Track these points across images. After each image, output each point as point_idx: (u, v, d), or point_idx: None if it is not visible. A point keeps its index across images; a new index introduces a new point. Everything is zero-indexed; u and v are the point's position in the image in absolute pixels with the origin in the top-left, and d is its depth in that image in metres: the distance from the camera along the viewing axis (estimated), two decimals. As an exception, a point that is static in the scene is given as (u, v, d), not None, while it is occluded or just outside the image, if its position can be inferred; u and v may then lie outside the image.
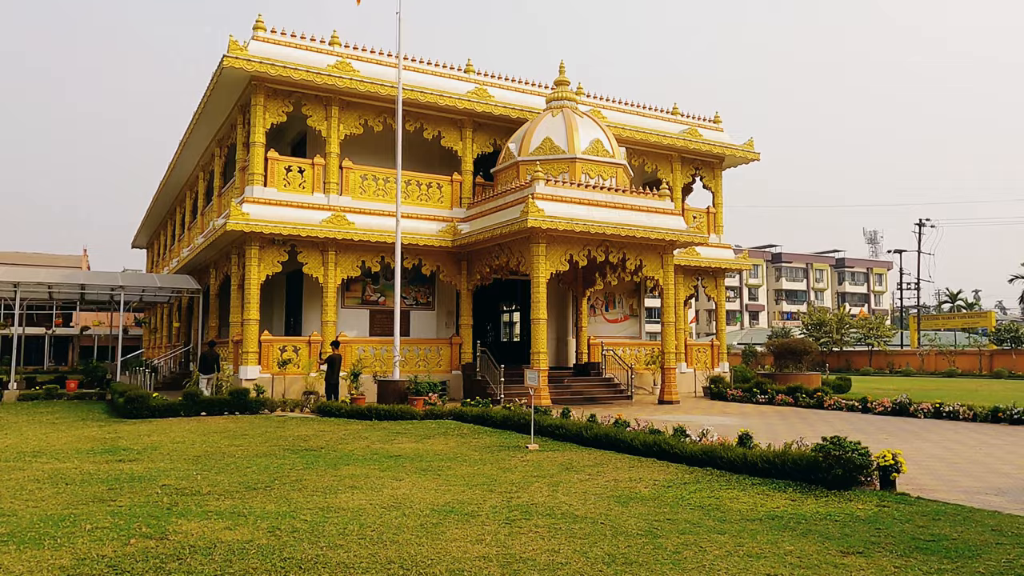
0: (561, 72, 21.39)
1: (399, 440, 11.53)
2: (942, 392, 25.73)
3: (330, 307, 19.26)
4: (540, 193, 18.02)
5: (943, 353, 42.90)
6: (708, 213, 26.19)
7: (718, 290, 26.01)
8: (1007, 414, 14.69)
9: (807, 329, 49.79)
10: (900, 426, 14.38)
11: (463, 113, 21.24)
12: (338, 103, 19.81)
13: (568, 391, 20.68)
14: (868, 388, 27.35)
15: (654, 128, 24.52)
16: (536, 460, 9.56)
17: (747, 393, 20.21)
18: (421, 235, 20.04)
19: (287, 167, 19.30)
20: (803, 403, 18.67)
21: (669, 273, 19.93)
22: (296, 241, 18.90)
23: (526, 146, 19.97)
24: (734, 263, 25.72)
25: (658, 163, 25.14)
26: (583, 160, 19.54)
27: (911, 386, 29.29)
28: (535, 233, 17.85)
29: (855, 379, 35.48)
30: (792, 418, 15.87)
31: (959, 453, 10.63)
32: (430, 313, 21.99)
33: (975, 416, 15.17)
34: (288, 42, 19.45)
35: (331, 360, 17.14)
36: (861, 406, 17.31)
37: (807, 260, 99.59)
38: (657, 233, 18.86)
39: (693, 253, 24.69)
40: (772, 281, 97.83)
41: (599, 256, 18.89)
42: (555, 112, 20.52)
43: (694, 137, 25.11)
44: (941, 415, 15.70)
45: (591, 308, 25.03)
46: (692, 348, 25.51)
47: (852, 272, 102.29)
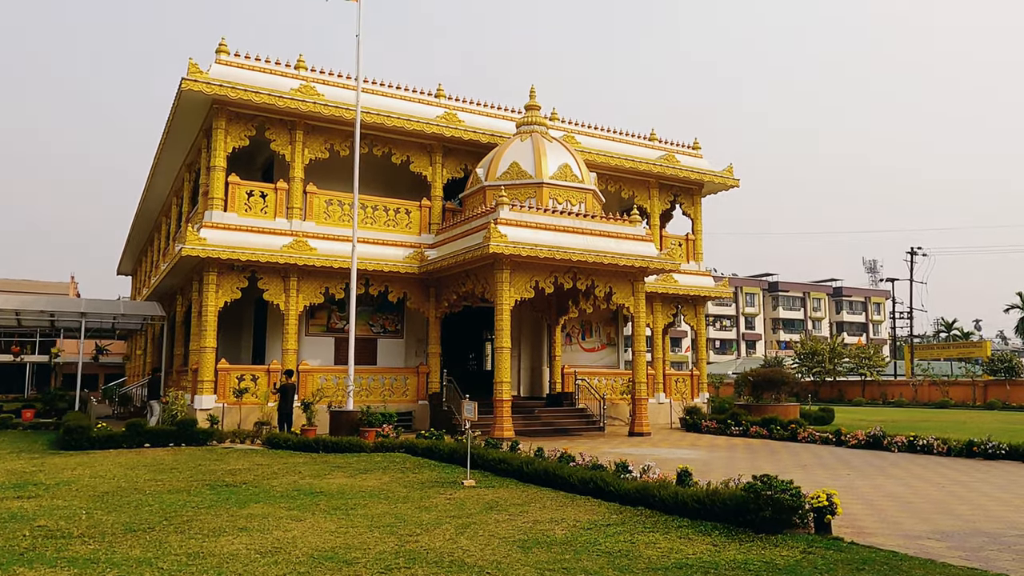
0: (532, 97, 21.10)
1: (333, 475, 10.95)
2: (930, 424, 25.06)
3: (291, 335, 18.75)
4: (504, 218, 17.60)
5: (936, 383, 42.16)
6: (687, 240, 25.75)
7: (697, 318, 25.47)
8: (981, 448, 14.07)
9: (800, 359, 49.09)
10: (868, 460, 13.76)
11: (432, 138, 20.92)
12: (303, 127, 19.50)
13: (538, 422, 20.08)
14: (853, 419, 26.66)
15: (630, 154, 24.18)
16: (463, 498, 8.98)
17: (721, 425, 19.58)
18: (387, 261, 19.59)
19: (249, 192, 18.93)
20: (777, 435, 18.04)
21: (640, 301, 19.43)
22: (256, 267, 18.45)
23: (493, 171, 19.60)
24: (714, 291, 25.21)
25: (635, 189, 24.76)
26: (550, 185, 19.15)
27: (899, 417, 28.58)
28: (499, 259, 17.40)
29: (844, 410, 34.78)
30: (760, 452, 15.25)
31: (918, 490, 10.03)
32: (398, 341, 21.46)
33: (949, 450, 14.55)
34: (252, 65, 19.20)
35: (283, 390, 16.60)
36: (835, 439, 16.70)
37: (804, 289, 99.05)
38: (626, 259, 18.39)
39: (670, 280, 24.20)
40: (769, 310, 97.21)
41: (566, 283, 18.42)
42: (524, 137, 20.19)
43: (671, 163, 24.76)
44: (915, 449, 15.08)
45: (567, 337, 24.49)
46: (671, 378, 24.90)
47: (850, 301, 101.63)
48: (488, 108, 22.34)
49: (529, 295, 18.02)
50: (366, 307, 21.01)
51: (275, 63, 19.59)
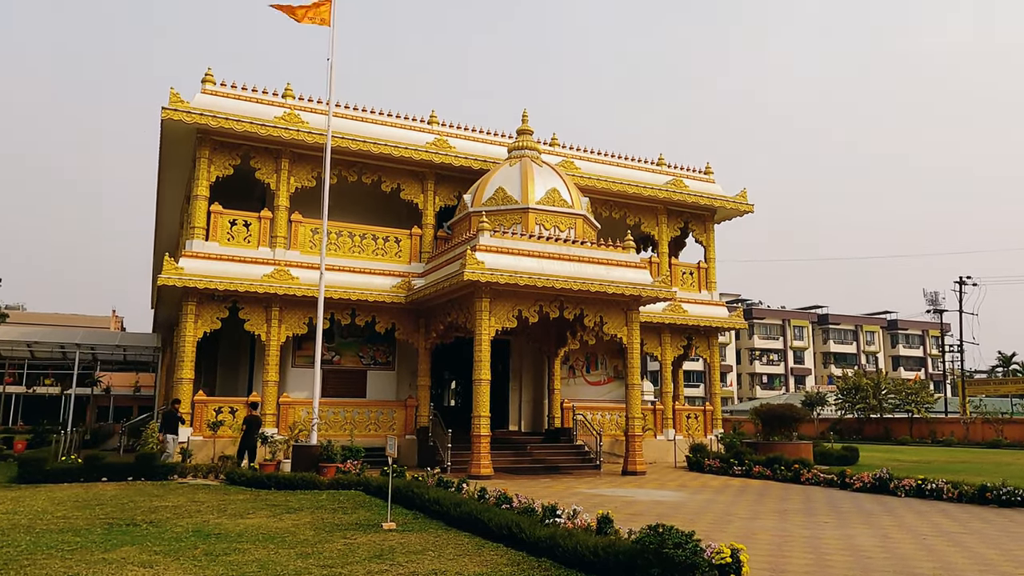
0: (524, 121, 20.52)
1: (255, 514, 10.26)
2: (969, 466, 23.12)
3: (271, 366, 18.31)
4: (484, 245, 16.91)
5: (989, 422, 39.44)
6: (699, 268, 24.62)
7: (711, 350, 24.16)
8: (995, 494, 12.58)
9: (842, 394, 46.69)
10: (863, 506, 12.42)
11: (423, 165, 20.48)
12: (288, 156, 19.29)
13: (528, 459, 19.11)
14: (883, 460, 24.82)
15: (635, 179, 23.31)
16: (363, 543, 8.17)
17: (724, 464, 18.27)
18: (373, 291, 19.08)
19: (232, 221, 18.72)
20: (780, 476, 16.69)
21: (634, 331, 18.42)
22: (237, 297, 18.12)
23: (479, 197, 18.99)
24: (727, 321, 23.92)
25: (642, 216, 23.83)
26: (536, 210, 18.41)
27: (937, 457, 26.56)
28: (477, 287, 16.68)
29: (880, 449, 32.68)
30: (748, 494, 13.99)
31: (890, 543, 8.80)
32: (390, 373, 20.84)
33: (960, 496, 13.08)
34: (237, 94, 19.12)
35: (247, 422, 16.05)
36: (839, 481, 15.30)
37: (856, 322, 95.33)
38: (615, 287, 17.45)
39: (680, 311, 23.07)
40: (819, 344, 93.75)
41: (552, 312, 17.55)
42: (514, 162, 19.57)
43: (679, 188, 23.78)
44: (923, 493, 13.62)
45: (570, 369, 23.53)
46: (681, 413, 23.60)
47: (906, 334, 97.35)
48: (481, 133, 21.85)
49: (511, 324, 17.21)
50: (356, 338, 20.51)
51: (261, 92, 19.50)
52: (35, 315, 63.99)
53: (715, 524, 10.11)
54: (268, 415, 18.11)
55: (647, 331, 23.00)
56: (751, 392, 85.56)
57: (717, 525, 10.03)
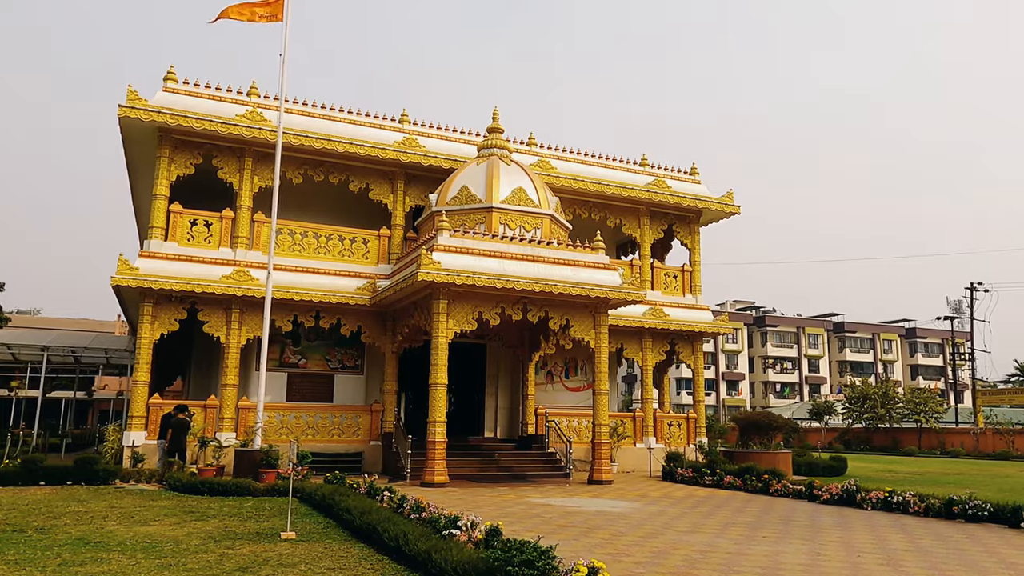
0: (494, 119, 20.00)
1: (160, 522, 9.79)
2: (966, 478, 22.18)
3: (231, 369, 17.90)
4: (442, 245, 16.39)
5: (1000, 432, 38.13)
6: (683, 272, 23.90)
7: (695, 356, 23.40)
8: (961, 508, 11.79)
9: (849, 403, 45.48)
10: (818, 519, 11.69)
11: (392, 164, 20.02)
12: (252, 154, 18.93)
13: (495, 467, 18.50)
14: (875, 471, 23.92)
15: (615, 179, 22.67)
16: (242, 553, 7.66)
17: (697, 474, 17.55)
18: (337, 292, 18.61)
19: (192, 220, 18.37)
20: (750, 487, 15.95)
21: (602, 334, 17.78)
22: (195, 298, 17.74)
23: (444, 196, 18.49)
24: (711, 326, 23.16)
25: (623, 217, 23.17)
26: (500, 209, 17.86)
27: (935, 469, 25.55)
28: (435, 289, 16.15)
29: (881, 460, 31.65)
30: (705, 506, 13.28)
31: (813, 563, 8.11)
32: (358, 378, 20.34)
33: (927, 509, 12.29)
34: (200, 92, 18.81)
35: (174, 426, 15.55)
36: (807, 493, 14.54)
37: (873, 330, 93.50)
38: (580, 288, 16.83)
39: (661, 315, 22.37)
40: (835, 352, 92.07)
41: (515, 314, 16.97)
42: (481, 160, 19.06)
43: (661, 189, 23.10)
44: (890, 506, 12.84)
45: (548, 375, 22.90)
46: (663, 421, 22.85)
47: (925, 343, 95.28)
48: (452, 132, 21.35)
49: (471, 327, 16.65)
50: (324, 341, 20.07)
51: (225, 90, 19.17)
52: (44, 319, 64.59)
53: (641, 538, 9.47)
54: (227, 419, 17.69)
55: (628, 336, 22.38)
56: (764, 401, 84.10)
57: (642, 539, 9.39)
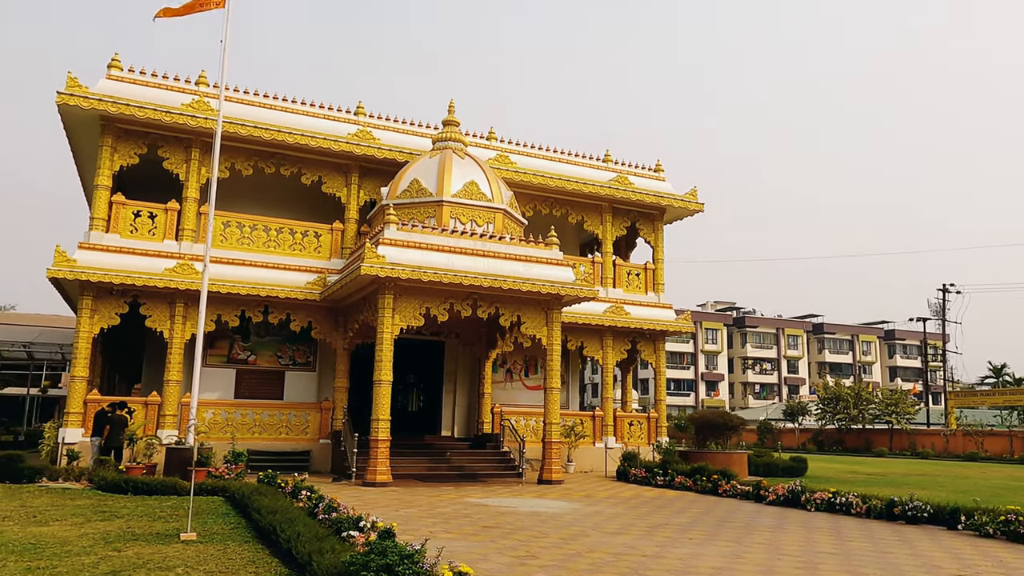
0: (450, 112, 19.62)
1: (62, 521, 9.35)
2: (927, 478, 22.04)
3: (174, 365, 17.42)
4: (389, 239, 16.01)
5: (969, 433, 38.17)
6: (646, 270, 23.60)
7: (656, 355, 23.11)
8: (902, 509, 11.54)
9: (823, 404, 45.46)
10: (756, 520, 11.40)
11: (345, 157, 19.60)
12: (199, 145, 18.44)
13: (445, 466, 18.14)
14: (837, 471, 23.75)
15: (576, 175, 22.34)
16: (125, 556, 7.25)
17: (649, 474, 17.27)
18: (285, 287, 18.15)
19: (136, 212, 17.87)
20: (700, 487, 15.69)
21: (555, 331, 17.46)
22: (137, 291, 17.26)
23: (395, 189, 18.10)
24: (673, 325, 22.89)
25: (585, 214, 22.85)
26: (452, 203, 17.49)
27: (898, 470, 25.41)
28: (380, 284, 15.78)
29: (849, 460, 31.55)
30: (646, 508, 12.97)
31: (730, 566, 7.80)
32: (310, 375, 19.91)
33: (869, 510, 12.05)
34: (145, 81, 18.32)
35: (112, 423, 15.08)
36: (754, 493, 14.28)
37: (853, 331, 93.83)
38: (531, 284, 16.50)
39: (622, 313, 22.06)
40: (814, 353, 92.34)
41: (464, 310, 16.61)
42: (435, 154, 18.67)
43: (624, 185, 22.79)
44: (833, 507, 12.59)
45: (507, 373, 22.56)
46: (623, 420, 22.55)
47: (904, 345, 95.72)
48: (408, 125, 20.97)
49: (418, 323, 16.27)
50: (275, 337, 19.64)
51: (172, 79, 18.69)
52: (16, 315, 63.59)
53: (561, 540, 9.13)
54: (168, 416, 17.21)
55: (588, 334, 22.07)
56: (743, 402, 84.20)
57: (562, 541, 9.05)
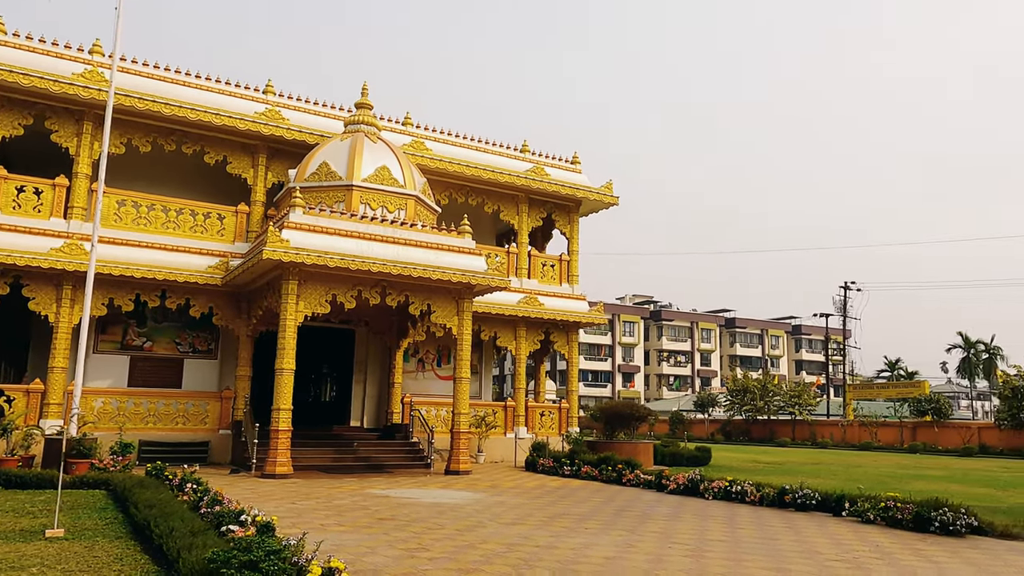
0: (363, 95, 19.13)
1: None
2: (822, 467, 22.96)
3: (60, 351, 16.38)
4: (294, 222, 15.47)
5: (865, 424, 40.15)
6: (561, 261, 23.70)
7: (569, 346, 23.27)
8: (793, 497, 11.92)
9: (731, 396, 47.01)
10: (653, 510, 11.55)
11: (252, 136, 18.85)
12: (92, 118, 17.36)
13: (351, 457, 17.74)
14: (741, 460, 24.53)
15: (493, 164, 22.20)
16: (-26, 556, 6.70)
17: (556, 464, 17.35)
18: (184, 271, 17.33)
19: (19, 187, 16.70)
20: (605, 477, 15.85)
21: (465, 321, 17.29)
22: (20, 272, 16.15)
23: (302, 172, 17.53)
24: (586, 316, 23.08)
25: (502, 204, 22.76)
26: (362, 188, 17.06)
27: (798, 459, 26.45)
28: (284, 269, 15.24)
29: (750, 450, 32.66)
30: (548, 498, 12.99)
31: (617, 555, 7.83)
32: (211, 363, 19.13)
33: (762, 498, 12.39)
34: (32, 47, 17.10)
35: None
36: (656, 482, 14.51)
37: (762, 326, 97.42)
38: (441, 273, 16.26)
39: (535, 303, 22.09)
40: (726, 347, 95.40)
41: (372, 298, 16.24)
42: (346, 136, 18.18)
43: (540, 176, 22.80)
44: (730, 496, 12.90)
45: (420, 363, 22.31)
46: (534, 411, 22.63)
47: (809, 339, 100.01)
48: (320, 106, 20.35)
49: (323, 310, 15.81)
50: (173, 323, 18.77)
51: (63, 46, 17.53)
52: None
53: (457, 531, 8.99)
54: (53, 405, 16.17)
55: (502, 324, 22.02)
56: (658, 393, 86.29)
57: (457, 532, 8.91)
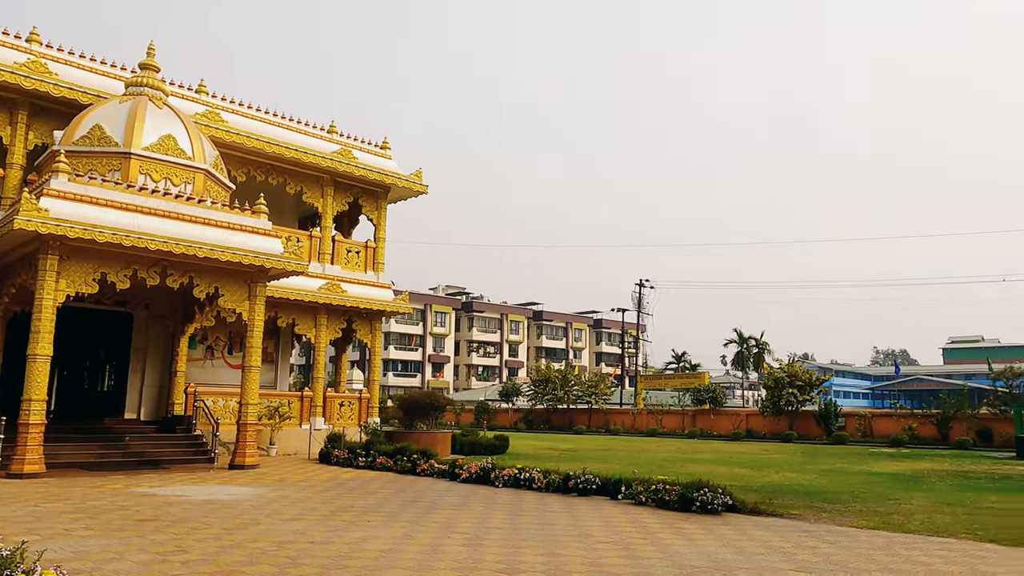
0: (149, 55, 17.39)
1: None
2: (611, 453, 24.23)
3: None
4: (56, 190, 13.72)
5: (652, 412, 43.19)
6: (367, 247, 23.13)
7: (373, 334, 22.78)
8: (575, 483, 12.41)
9: (534, 386, 48.67)
10: (442, 498, 11.53)
11: (11, 89, 16.45)
12: None
13: (120, 452, 16.13)
14: (536, 447, 25.38)
15: (296, 142, 21.15)
16: None
17: (352, 455, 16.88)
18: (-84, 240, 14.83)
19: None
20: (400, 467, 15.65)
21: (258, 307, 16.31)
22: None
23: (72, 134, 15.63)
24: (391, 305, 22.71)
25: (305, 185, 21.76)
26: (142, 157, 15.52)
27: (590, 446, 27.84)
28: (43, 241, 13.47)
29: (544, 437, 33.97)
30: (336, 491, 12.57)
31: (399, 551, 7.66)
32: (-47, 347, 16.55)
33: (549, 484, 12.78)
34: None
35: None
36: (449, 472, 14.53)
37: (567, 319, 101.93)
38: (231, 254, 15.18)
39: (337, 290, 21.37)
40: (534, 338, 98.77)
41: (151, 278, 14.82)
42: (127, 99, 16.44)
43: (347, 159, 22.07)
44: (519, 483, 13.18)
45: (208, 350, 20.83)
46: (333, 401, 21.92)
47: (609, 333, 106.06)
48: (97, 63, 18.29)
49: (91, 290, 14.20)
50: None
51: None
52: None
53: (225, 531, 8.37)
54: None
55: (301, 310, 21.09)
56: (467, 383, 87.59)
57: (226, 532, 8.30)
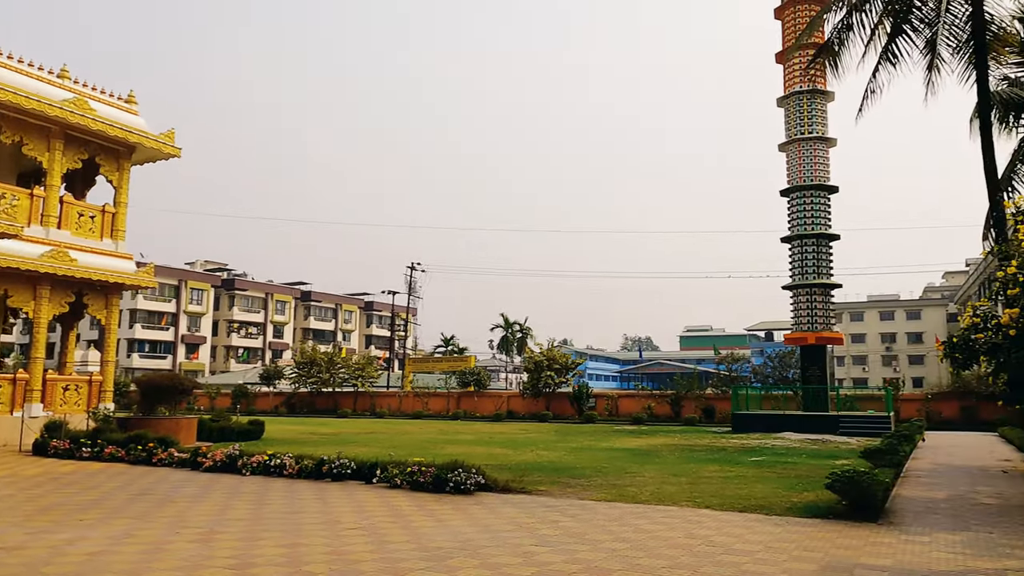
0: None
1: None
2: (374, 436, 23.84)
3: None
4: None
5: (419, 395, 43.43)
6: (103, 212, 20.52)
7: (109, 310, 20.30)
8: (330, 468, 11.93)
9: (298, 368, 46.76)
10: (177, 491, 10.49)
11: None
12: None
13: None
14: (295, 432, 24.32)
15: (17, 84, 18.10)
16: None
17: (75, 445, 14.86)
18: None
19: None
20: (134, 456, 14.06)
21: (-46, 272, 13.74)
22: None
23: None
24: (132, 278, 20.37)
25: (26, 135, 18.75)
26: None
27: (353, 429, 27.24)
28: None
29: (298, 422, 32.87)
30: (45, 487, 10.96)
31: (112, 552, 6.76)
32: None
33: (301, 470, 12.16)
34: None
35: None
36: (191, 461, 13.31)
37: (337, 301, 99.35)
38: (-84, 208, 12.60)
39: (66, 258, 18.71)
40: (301, 320, 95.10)
41: None
42: None
43: (82, 109, 19.34)
44: (269, 470, 12.40)
45: None
46: (55, 385, 19.23)
47: (380, 316, 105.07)
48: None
49: None
50: None
51: None
52: None
53: None
54: None
55: (17, 280, 18.27)
56: (225, 365, 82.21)
57: None
